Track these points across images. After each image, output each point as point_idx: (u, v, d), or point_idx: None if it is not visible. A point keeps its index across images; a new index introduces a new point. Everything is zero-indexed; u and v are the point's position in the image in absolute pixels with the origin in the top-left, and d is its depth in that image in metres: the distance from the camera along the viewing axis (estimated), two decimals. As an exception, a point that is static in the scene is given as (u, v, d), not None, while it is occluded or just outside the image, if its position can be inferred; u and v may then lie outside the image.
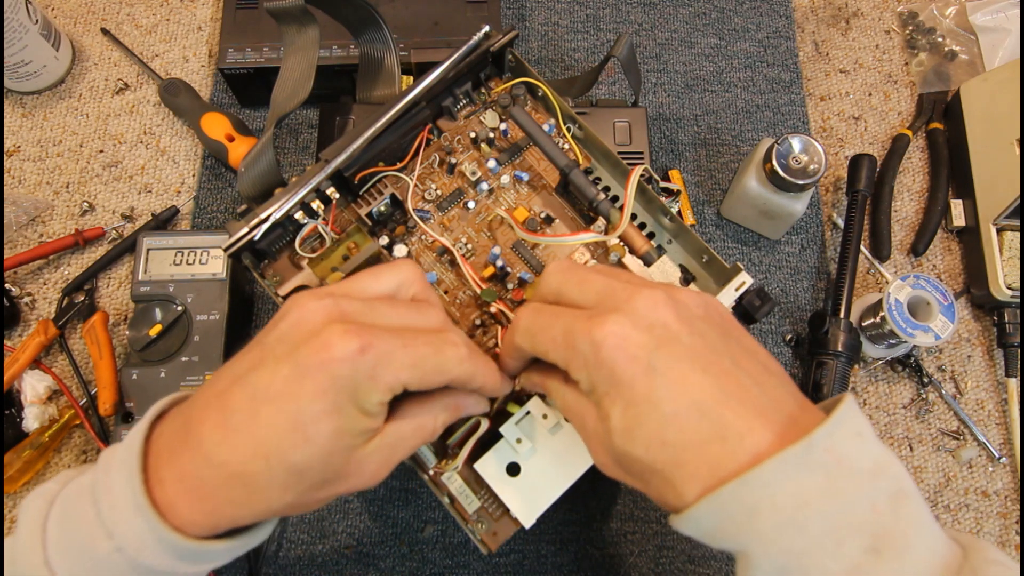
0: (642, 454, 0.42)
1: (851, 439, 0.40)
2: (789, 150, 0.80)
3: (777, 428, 0.40)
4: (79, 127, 0.92)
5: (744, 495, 0.38)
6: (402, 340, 0.45)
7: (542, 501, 0.54)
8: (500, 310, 0.61)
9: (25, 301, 0.84)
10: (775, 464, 0.38)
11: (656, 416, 0.41)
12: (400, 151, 0.65)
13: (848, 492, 0.38)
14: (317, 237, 0.63)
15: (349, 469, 0.45)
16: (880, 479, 0.39)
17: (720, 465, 0.40)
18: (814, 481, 0.38)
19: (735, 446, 0.40)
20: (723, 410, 0.41)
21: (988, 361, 0.87)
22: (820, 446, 0.38)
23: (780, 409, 0.42)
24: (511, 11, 1.00)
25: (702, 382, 0.42)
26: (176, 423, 0.45)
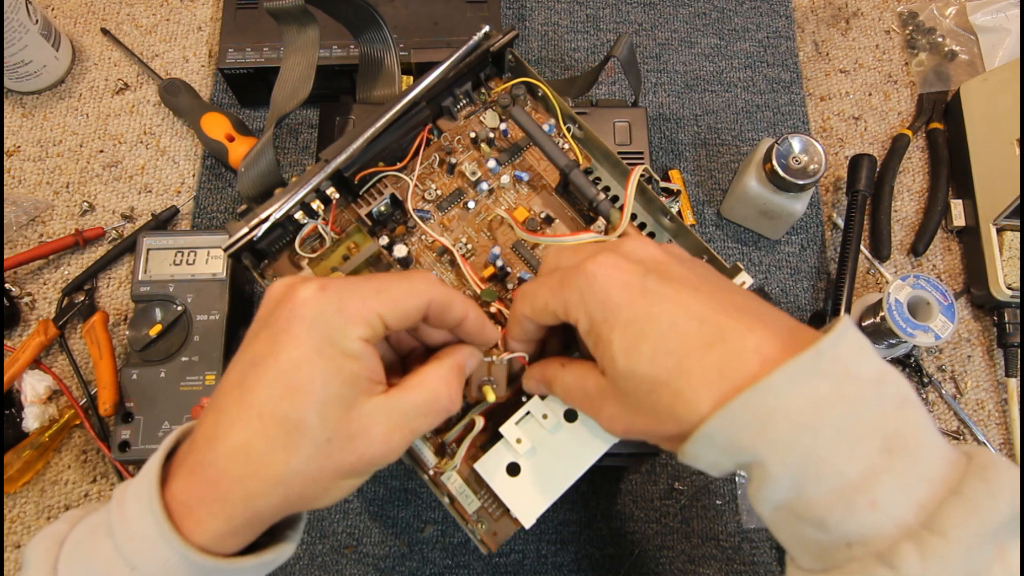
0: (647, 368, 0.42)
1: (855, 351, 0.40)
2: (789, 150, 0.80)
3: (779, 333, 0.41)
4: (79, 127, 0.92)
5: (758, 403, 0.39)
6: (364, 277, 0.46)
7: (542, 501, 0.54)
8: (499, 310, 0.61)
9: (25, 301, 0.84)
10: (788, 370, 0.39)
11: (656, 329, 0.43)
12: (400, 151, 0.65)
13: (857, 398, 0.39)
14: (317, 237, 0.62)
15: (352, 428, 0.43)
16: (885, 386, 0.40)
17: (728, 367, 0.41)
18: (825, 387, 0.39)
19: (738, 345, 0.41)
20: (721, 317, 0.42)
21: (988, 361, 0.87)
22: (827, 355, 0.39)
23: (779, 319, 0.43)
24: (511, 11, 1.00)
25: (696, 297, 0.43)
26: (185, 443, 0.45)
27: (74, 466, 0.79)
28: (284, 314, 0.43)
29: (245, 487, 0.42)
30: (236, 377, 0.43)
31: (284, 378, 0.42)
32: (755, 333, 0.41)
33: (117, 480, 0.78)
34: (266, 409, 0.41)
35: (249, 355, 0.43)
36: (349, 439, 0.43)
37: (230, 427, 0.42)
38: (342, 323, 0.43)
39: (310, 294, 0.43)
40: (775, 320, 0.43)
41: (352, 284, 0.45)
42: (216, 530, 0.41)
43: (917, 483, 0.38)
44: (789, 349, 0.40)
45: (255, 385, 0.42)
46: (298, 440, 0.42)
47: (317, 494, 0.44)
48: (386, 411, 0.45)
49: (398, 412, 0.45)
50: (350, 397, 0.43)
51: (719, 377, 0.40)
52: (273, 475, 0.42)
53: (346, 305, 0.43)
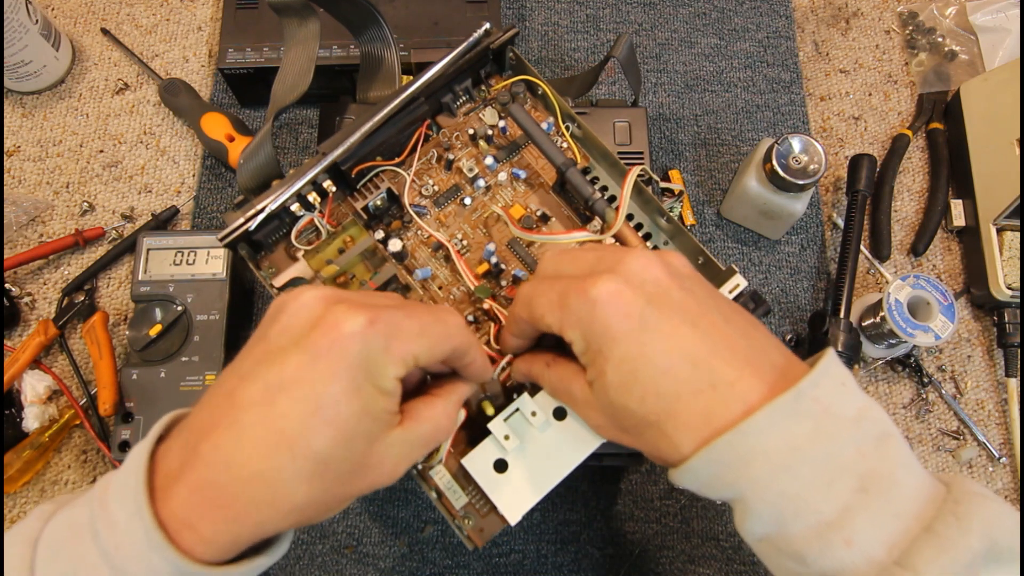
0: (637, 407, 0.44)
1: (835, 388, 0.42)
2: (789, 150, 0.79)
3: (765, 377, 0.43)
4: (79, 127, 0.92)
5: (738, 444, 0.41)
6: (405, 312, 0.45)
7: (529, 498, 0.54)
8: (493, 307, 0.60)
9: (25, 301, 0.84)
10: (766, 413, 0.40)
11: (650, 369, 0.43)
12: (398, 146, 0.65)
13: (835, 437, 0.41)
14: (313, 230, 0.63)
15: (371, 460, 0.44)
16: (864, 424, 0.42)
17: (713, 413, 0.42)
18: (803, 428, 0.40)
19: (726, 394, 0.42)
20: (713, 361, 0.43)
21: (988, 361, 0.87)
22: (807, 395, 0.41)
23: (767, 359, 0.44)
24: (511, 11, 1.01)
25: (692, 335, 0.44)
26: (182, 438, 0.43)
27: (74, 466, 0.79)
28: (325, 342, 0.41)
29: (260, 514, 0.41)
30: (259, 395, 0.41)
31: (321, 413, 0.40)
32: (744, 380, 0.42)
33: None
34: (298, 441, 0.40)
35: (277, 374, 0.41)
36: (365, 470, 0.44)
37: (252, 452, 0.40)
38: (384, 363, 0.43)
39: (358, 329, 0.41)
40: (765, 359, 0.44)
41: (397, 322, 0.43)
42: (219, 547, 0.41)
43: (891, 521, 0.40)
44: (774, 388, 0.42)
45: (287, 412, 0.40)
46: (323, 473, 0.41)
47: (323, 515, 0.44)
48: (399, 444, 0.46)
49: (408, 444, 0.46)
50: (376, 432, 0.44)
51: (704, 424, 0.42)
52: (291, 505, 0.41)
53: (390, 344, 0.43)
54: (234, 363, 0.45)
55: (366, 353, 0.42)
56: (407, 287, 0.61)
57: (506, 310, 0.61)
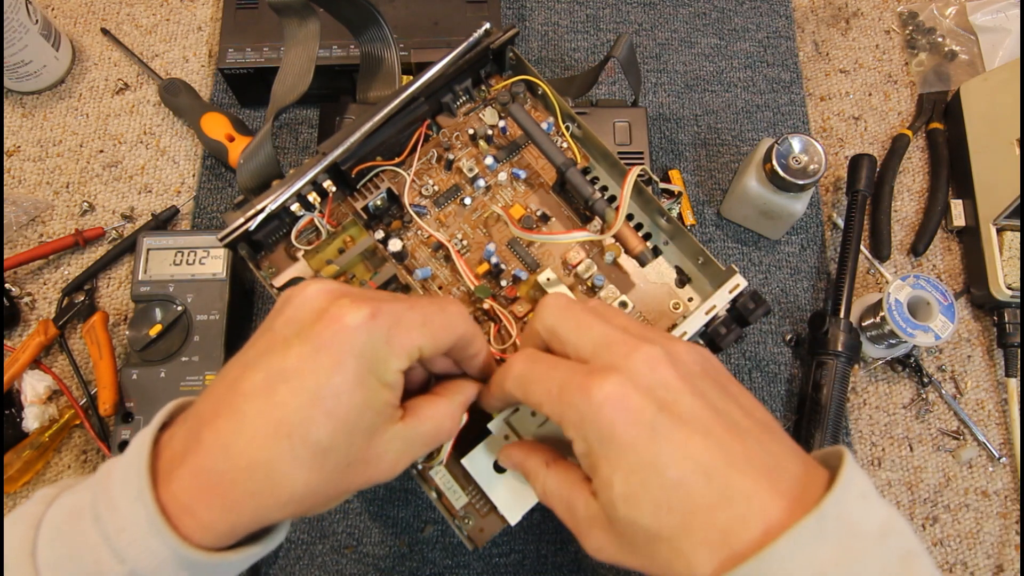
0: (648, 521, 0.41)
1: (858, 502, 0.39)
2: (789, 150, 0.79)
3: (784, 491, 0.40)
4: (79, 127, 0.92)
5: (760, 571, 0.37)
6: (407, 304, 0.45)
7: (530, 498, 0.54)
8: (492, 307, 0.61)
9: (25, 301, 0.84)
10: (790, 538, 0.37)
11: (661, 481, 0.40)
12: (398, 146, 0.65)
13: (860, 558, 0.38)
14: (313, 230, 0.63)
15: (370, 454, 0.44)
16: (889, 540, 0.39)
17: (730, 531, 0.39)
18: (827, 551, 0.37)
19: (743, 510, 0.39)
20: (729, 473, 0.40)
21: (988, 361, 0.87)
22: (831, 515, 0.38)
23: (784, 469, 0.41)
24: (511, 11, 1.00)
25: (706, 445, 0.41)
26: (186, 426, 0.43)
27: (74, 466, 0.79)
28: (328, 334, 0.42)
29: (259, 501, 0.41)
30: (262, 384, 0.42)
31: (322, 404, 0.41)
32: (761, 494, 0.39)
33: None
34: (297, 431, 0.40)
35: (279, 364, 0.42)
36: (365, 463, 0.44)
37: (252, 440, 0.40)
38: (387, 355, 0.43)
39: (361, 321, 0.42)
40: (784, 470, 0.41)
41: (399, 314, 0.44)
42: (217, 533, 0.41)
43: None
44: (795, 509, 0.39)
45: (287, 401, 0.41)
46: (322, 463, 0.41)
47: (320, 506, 0.44)
48: (400, 439, 0.45)
49: (408, 440, 0.46)
50: (376, 426, 0.44)
51: (721, 542, 0.39)
52: (290, 493, 0.41)
53: (393, 337, 0.43)
54: (240, 353, 0.45)
55: (369, 345, 0.42)
56: (407, 287, 0.61)
57: (504, 311, 0.61)
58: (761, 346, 0.86)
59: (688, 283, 0.64)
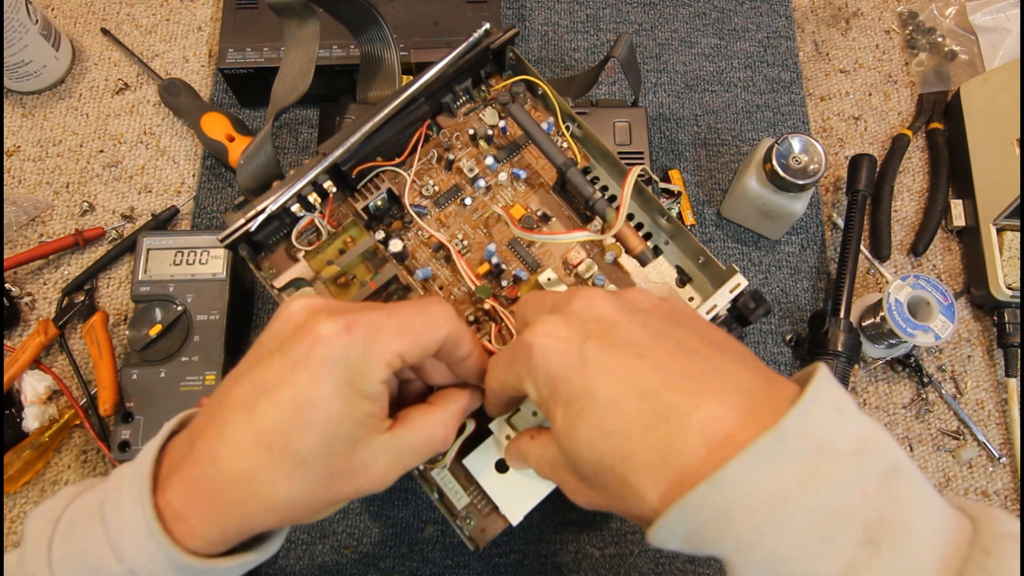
0: (587, 452, 0.40)
1: (829, 416, 0.36)
2: (789, 150, 0.79)
3: (733, 404, 0.37)
4: (79, 127, 0.92)
5: (714, 497, 0.35)
6: (385, 312, 0.45)
7: (530, 498, 0.54)
8: (494, 307, 0.61)
9: (25, 301, 0.84)
10: (744, 459, 0.34)
11: (594, 407, 0.40)
12: (398, 146, 0.65)
13: (832, 479, 0.34)
14: (314, 230, 0.63)
15: (354, 465, 0.44)
16: (867, 458, 0.35)
17: (670, 450, 0.37)
18: (791, 471, 0.34)
19: (682, 425, 0.37)
20: (665, 391, 0.38)
21: (988, 361, 0.87)
22: (793, 430, 0.35)
23: (734, 383, 0.39)
24: (511, 11, 1.00)
25: (639, 366, 0.39)
26: (186, 435, 0.45)
27: (74, 466, 0.79)
28: (303, 347, 0.42)
29: (243, 509, 0.42)
30: (245, 397, 0.43)
31: (299, 414, 0.41)
32: (702, 407, 0.37)
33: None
34: (276, 441, 0.41)
35: (260, 377, 0.43)
36: (350, 474, 0.44)
37: (235, 450, 0.42)
38: (364, 367, 0.43)
39: (334, 332, 0.42)
40: (731, 383, 0.39)
41: (375, 324, 0.44)
42: (207, 539, 0.42)
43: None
44: (747, 423, 0.36)
45: (267, 413, 0.42)
46: (303, 472, 0.42)
47: (308, 517, 0.45)
48: (388, 449, 0.45)
49: (398, 450, 0.46)
50: (359, 436, 0.44)
51: (662, 462, 0.37)
52: (273, 502, 0.42)
53: (369, 347, 0.43)
54: (236, 367, 0.46)
55: (343, 358, 0.42)
56: (408, 287, 0.61)
57: (505, 311, 0.61)
58: (761, 346, 0.86)
59: (689, 283, 0.64)
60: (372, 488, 0.45)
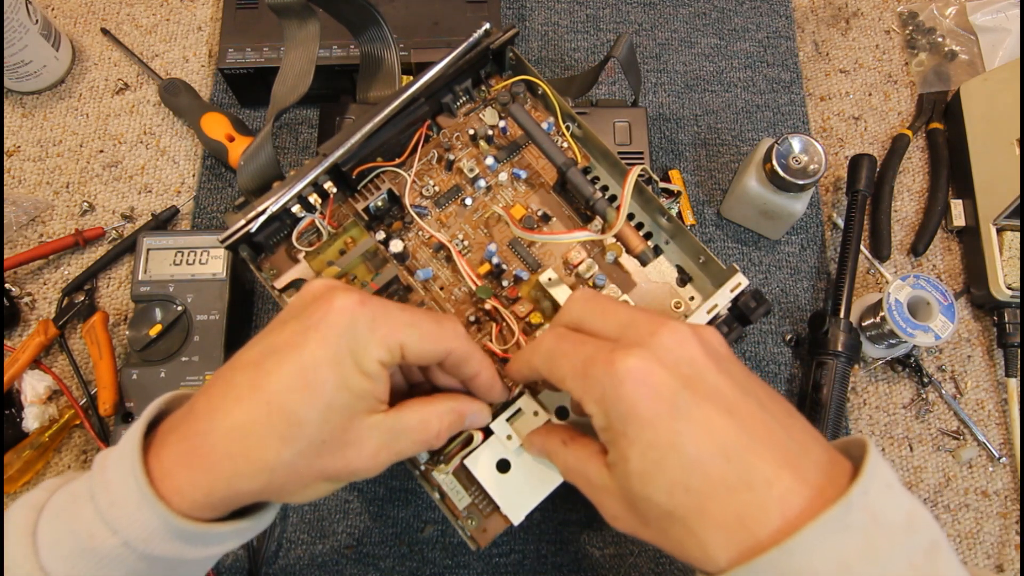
0: (664, 499, 0.40)
1: (884, 493, 0.38)
2: (789, 150, 0.79)
3: (808, 479, 0.39)
4: (79, 127, 0.92)
5: (783, 563, 0.36)
6: (400, 305, 0.47)
7: (532, 498, 0.54)
8: (495, 307, 0.61)
9: (25, 301, 0.84)
10: (815, 529, 0.36)
11: (680, 460, 0.40)
12: (399, 147, 0.65)
13: (886, 551, 0.37)
14: (314, 231, 0.63)
15: (348, 437, 0.45)
16: (915, 533, 0.38)
17: (748, 516, 0.38)
18: (853, 543, 0.36)
19: (763, 495, 0.38)
20: (750, 456, 0.39)
21: (988, 361, 0.87)
22: (857, 505, 0.37)
23: (808, 456, 0.40)
24: (511, 11, 1.00)
25: (728, 425, 0.40)
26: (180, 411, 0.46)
27: (74, 466, 0.79)
28: (318, 313, 0.44)
29: (234, 465, 0.43)
30: (254, 357, 0.45)
31: (302, 374, 0.43)
32: (783, 480, 0.38)
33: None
34: (276, 398, 0.43)
35: (272, 341, 0.45)
36: (342, 446, 0.45)
37: (235, 403, 0.43)
38: (367, 341, 0.44)
39: (348, 304, 0.44)
40: (807, 457, 0.40)
41: (388, 309, 0.46)
42: (194, 499, 0.43)
43: None
44: (818, 499, 0.38)
45: (272, 370, 0.43)
46: (296, 434, 0.43)
47: (296, 489, 0.46)
48: (380, 429, 0.46)
49: (390, 431, 0.47)
50: (354, 409, 0.45)
51: (739, 527, 0.38)
52: (263, 461, 0.43)
53: (377, 325, 0.45)
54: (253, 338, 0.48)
55: (351, 327, 0.44)
56: (408, 288, 0.61)
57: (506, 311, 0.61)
58: (761, 346, 0.86)
59: (689, 282, 0.64)
60: (363, 467, 0.46)
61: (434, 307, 0.62)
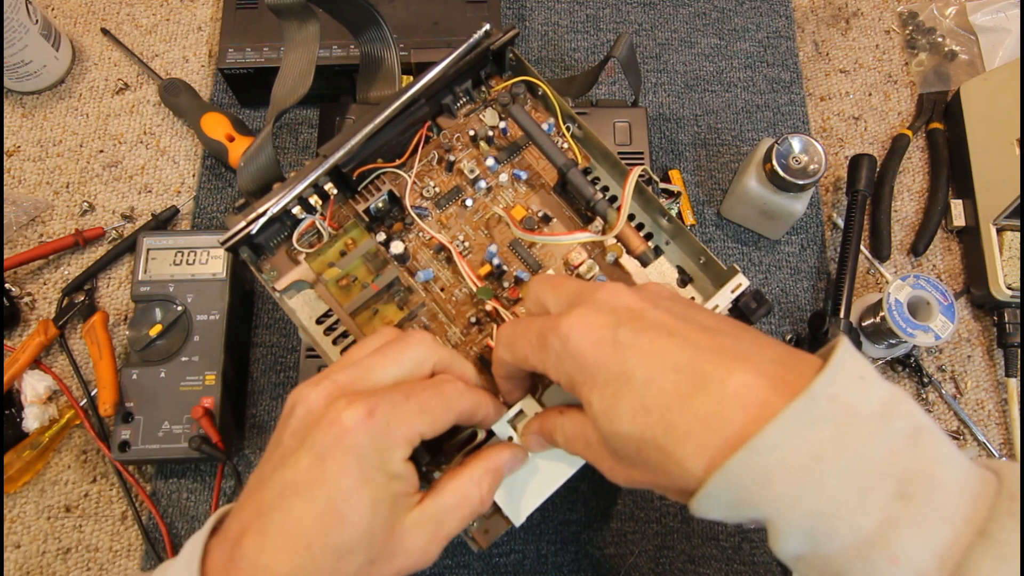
0: (628, 428, 0.41)
1: (854, 383, 0.37)
2: (789, 150, 0.79)
3: (764, 372, 0.39)
4: (79, 127, 0.92)
5: (753, 461, 0.36)
6: (403, 392, 0.46)
7: (533, 499, 0.54)
8: (495, 308, 0.60)
9: (25, 301, 0.84)
10: (779, 422, 0.36)
11: (632, 385, 0.41)
12: (399, 148, 0.65)
13: (862, 439, 0.36)
14: (315, 232, 0.63)
15: (392, 546, 0.44)
16: (893, 420, 0.37)
17: (710, 417, 0.38)
18: (823, 434, 0.36)
19: (719, 393, 0.38)
20: (699, 363, 0.40)
21: (988, 361, 0.87)
22: (823, 395, 0.36)
23: (762, 353, 0.40)
24: (511, 11, 1.00)
25: (672, 343, 0.41)
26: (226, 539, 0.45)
27: (74, 466, 0.79)
28: (329, 440, 0.43)
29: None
30: (278, 499, 0.43)
31: (334, 509, 0.42)
32: (736, 375, 0.39)
33: (117, 480, 0.78)
34: (316, 540, 0.42)
35: (291, 477, 0.43)
36: (391, 556, 0.45)
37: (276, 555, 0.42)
38: (389, 448, 0.44)
39: (358, 420, 0.43)
40: (759, 354, 0.40)
41: (396, 406, 0.45)
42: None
43: (939, 528, 0.35)
44: (778, 389, 0.38)
45: (303, 514, 0.42)
46: (344, 565, 0.42)
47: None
48: (423, 522, 0.46)
49: (433, 521, 0.46)
50: (393, 518, 0.44)
51: (703, 430, 0.38)
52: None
53: (392, 429, 0.44)
54: (258, 468, 0.46)
55: (369, 444, 0.43)
56: (409, 289, 0.61)
57: (507, 312, 0.61)
58: (761, 346, 0.86)
59: (690, 283, 0.64)
60: (416, 565, 0.46)
61: (435, 308, 0.62)
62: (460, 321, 0.62)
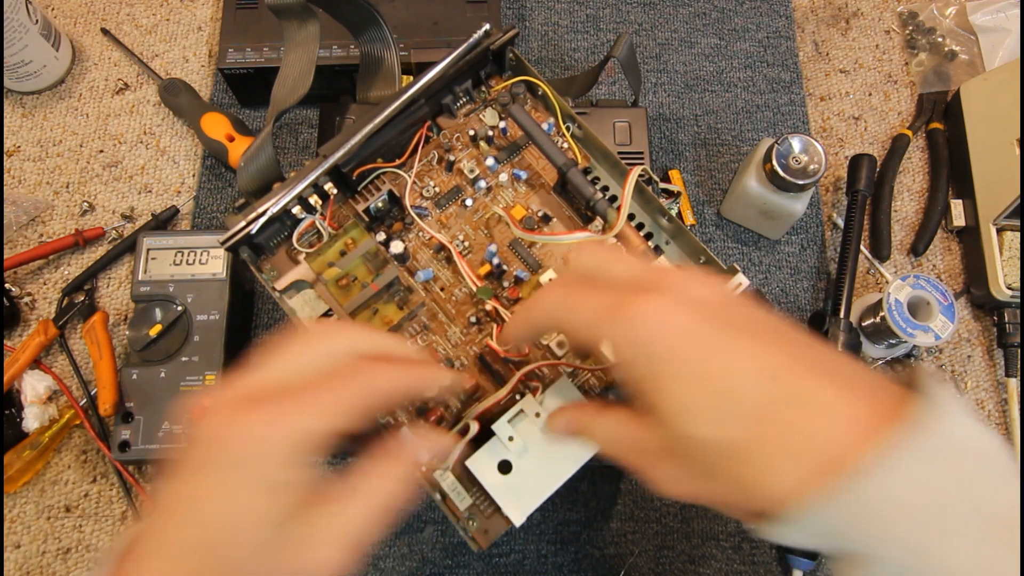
0: (713, 432, 0.37)
1: (959, 416, 0.34)
2: (789, 150, 0.79)
3: (868, 401, 0.35)
4: (79, 127, 0.92)
5: (864, 490, 0.33)
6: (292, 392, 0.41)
7: (533, 499, 0.54)
8: (495, 308, 0.60)
9: (25, 301, 0.84)
10: (899, 452, 0.32)
11: (721, 386, 0.36)
12: (399, 148, 0.65)
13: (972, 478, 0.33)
14: (315, 232, 0.63)
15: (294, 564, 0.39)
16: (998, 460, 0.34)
17: (814, 437, 0.35)
18: (942, 471, 0.33)
19: (825, 414, 0.35)
20: (799, 375, 0.36)
21: (988, 361, 0.87)
22: (939, 430, 0.33)
23: (862, 377, 0.37)
24: (511, 11, 1.00)
25: (767, 348, 0.37)
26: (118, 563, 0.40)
27: (74, 466, 0.79)
28: (202, 453, 0.39)
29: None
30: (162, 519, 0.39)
31: (213, 524, 0.38)
32: (843, 398, 0.35)
33: (117, 480, 0.78)
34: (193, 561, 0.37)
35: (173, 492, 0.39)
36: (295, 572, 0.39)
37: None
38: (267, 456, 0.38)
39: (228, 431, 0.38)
40: (862, 379, 0.36)
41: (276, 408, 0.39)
42: None
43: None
44: (881, 415, 0.34)
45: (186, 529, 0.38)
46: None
47: None
48: (328, 536, 0.40)
49: (343, 532, 0.41)
50: (284, 531, 0.39)
51: (804, 450, 0.35)
52: None
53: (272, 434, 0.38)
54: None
55: (245, 453, 0.38)
56: (409, 289, 0.61)
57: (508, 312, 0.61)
58: (761, 346, 0.86)
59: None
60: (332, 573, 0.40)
61: (435, 308, 0.62)
62: (460, 321, 0.62)
